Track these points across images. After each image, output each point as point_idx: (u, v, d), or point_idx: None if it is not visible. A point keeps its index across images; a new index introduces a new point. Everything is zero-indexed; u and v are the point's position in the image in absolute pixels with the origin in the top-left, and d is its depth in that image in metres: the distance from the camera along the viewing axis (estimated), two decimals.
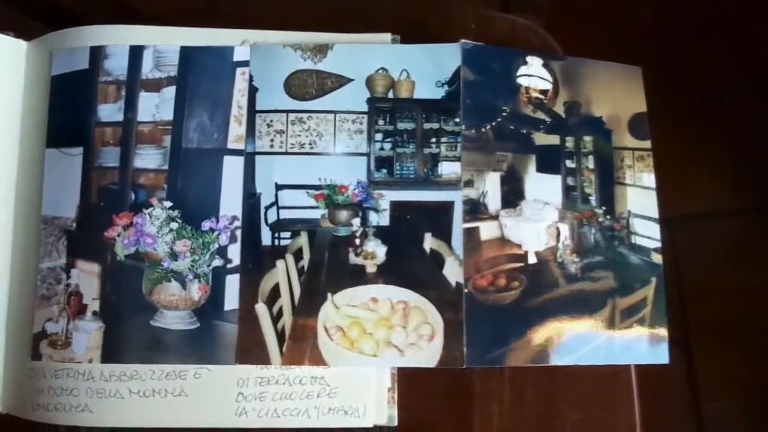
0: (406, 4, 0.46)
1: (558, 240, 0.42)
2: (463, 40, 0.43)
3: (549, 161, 0.43)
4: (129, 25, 0.44)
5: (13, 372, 0.43)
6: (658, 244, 0.44)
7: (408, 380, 0.42)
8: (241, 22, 0.44)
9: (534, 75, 0.43)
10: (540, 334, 0.41)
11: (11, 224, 0.44)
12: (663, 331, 0.42)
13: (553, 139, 0.44)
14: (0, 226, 0.44)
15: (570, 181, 0.43)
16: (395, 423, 0.42)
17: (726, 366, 1.01)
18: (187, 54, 0.43)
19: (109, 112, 0.43)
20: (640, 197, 0.44)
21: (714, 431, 1.03)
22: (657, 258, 0.43)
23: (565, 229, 0.42)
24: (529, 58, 0.44)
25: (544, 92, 0.44)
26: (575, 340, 0.41)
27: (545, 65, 0.44)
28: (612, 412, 0.44)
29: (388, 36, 0.44)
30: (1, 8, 0.49)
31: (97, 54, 0.44)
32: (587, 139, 0.44)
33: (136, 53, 0.44)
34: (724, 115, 0.90)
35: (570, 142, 0.44)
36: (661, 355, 0.42)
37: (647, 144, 0.45)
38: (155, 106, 0.43)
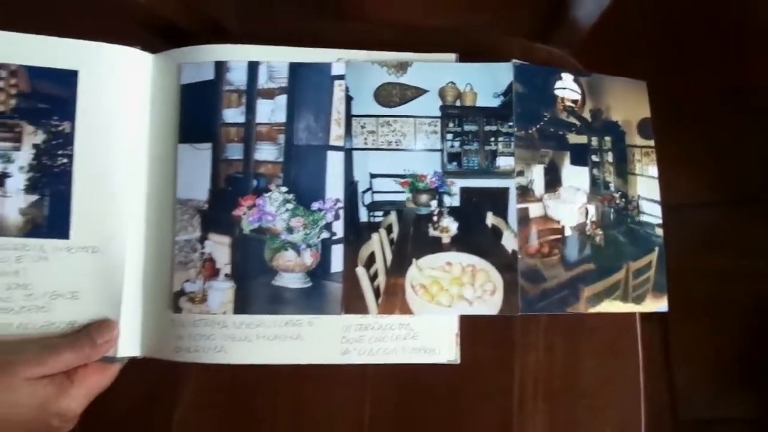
0: (464, 32, 0.58)
1: (586, 217, 0.54)
2: (514, 60, 0.54)
3: (579, 156, 0.55)
4: (245, 45, 0.55)
5: (153, 324, 0.53)
6: (660, 221, 0.56)
7: (466, 329, 0.54)
8: (333, 43, 0.55)
9: (567, 88, 0.55)
10: (575, 289, 0.53)
11: (144, 205, 0.54)
12: (664, 287, 0.55)
13: (582, 139, 0.56)
14: (135, 206, 0.54)
15: (595, 172, 0.55)
16: (459, 361, 0.54)
17: (696, 338, 1.16)
18: (294, 69, 0.54)
19: (233, 115, 0.54)
20: (646, 184, 0.57)
21: (682, 393, 1.17)
22: (659, 231, 0.56)
23: (591, 209, 0.55)
24: (563, 75, 0.56)
25: (574, 102, 0.56)
26: (601, 294, 0.54)
27: (575, 80, 0.56)
28: (621, 360, 0.57)
29: (453, 56, 0.55)
30: (126, 26, 0.58)
31: (221, 68, 0.54)
32: (607, 139, 0.56)
33: (253, 68, 0.54)
34: (705, 120, 1.05)
35: (594, 142, 0.56)
36: (662, 306, 0.55)
37: (651, 142, 0.58)
38: (270, 111, 0.54)
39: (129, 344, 0.52)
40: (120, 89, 0.53)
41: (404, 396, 0.56)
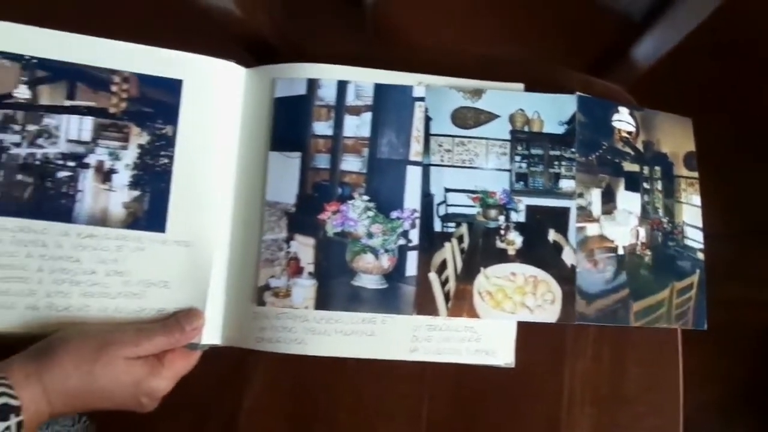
0: (529, 64, 0.63)
1: (637, 239, 0.60)
2: (578, 93, 0.60)
3: (632, 183, 0.61)
4: (335, 64, 0.60)
5: (235, 315, 0.57)
6: (701, 246, 0.62)
7: (521, 335, 0.59)
8: (410, 67, 0.61)
9: (623, 120, 0.61)
10: (625, 303, 0.58)
11: (232, 205, 0.59)
12: (704, 307, 0.60)
13: (635, 168, 0.61)
14: (224, 206, 0.59)
15: (645, 198, 0.61)
16: (514, 364, 0.58)
17: (705, 361, 1.21)
18: (379, 89, 0.59)
19: (322, 128, 0.59)
20: (690, 212, 0.62)
21: (690, 416, 1.22)
22: (700, 256, 0.61)
23: (642, 231, 0.60)
24: (620, 108, 0.61)
25: (629, 133, 0.61)
26: (648, 309, 0.59)
27: (630, 114, 0.62)
28: (663, 370, 0.62)
29: (521, 85, 0.61)
30: (217, 42, 0.63)
31: (312, 84, 0.59)
32: (657, 168, 0.62)
33: (342, 86, 0.59)
34: (719, 157, 1.11)
35: (646, 170, 0.61)
36: (701, 323, 0.60)
37: (695, 174, 0.63)
38: (356, 126, 0.59)
39: (211, 333, 0.57)
40: (217, 98, 0.58)
41: (460, 395, 0.61)
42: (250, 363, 0.62)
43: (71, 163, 0.56)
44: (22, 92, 0.55)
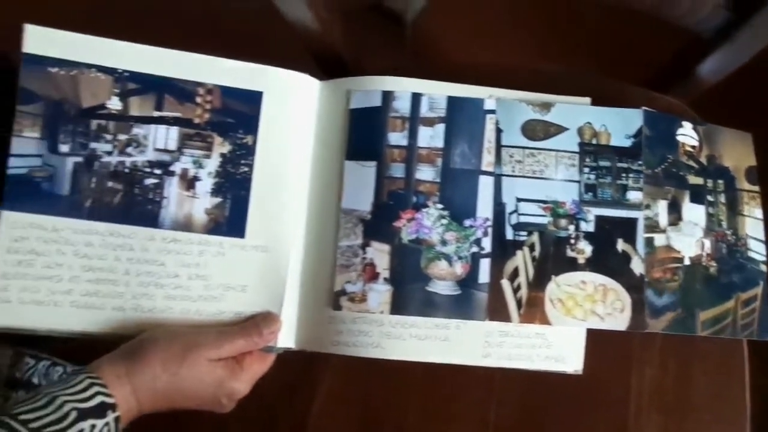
0: (594, 79, 0.65)
1: (702, 250, 0.61)
2: (644, 108, 0.62)
3: (697, 196, 0.62)
4: (409, 78, 0.62)
5: (310, 319, 0.59)
6: (764, 258, 0.63)
7: (589, 342, 0.60)
8: (479, 81, 0.63)
9: (687, 135, 0.63)
10: (692, 313, 0.59)
11: (306, 213, 0.61)
12: None
13: (699, 181, 0.63)
14: (299, 213, 0.61)
15: (710, 210, 0.62)
16: (581, 371, 0.60)
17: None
18: (452, 101, 0.62)
19: (397, 138, 0.61)
20: (753, 225, 0.63)
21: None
22: (764, 268, 0.63)
23: (707, 243, 0.61)
24: (684, 123, 0.63)
25: (693, 147, 0.63)
26: (714, 319, 0.60)
27: (694, 128, 0.63)
28: (729, 379, 0.63)
29: (588, 99, 0.63)
30: (297, 55, 0.66)
31: (387, 96, 0.61)
32: (720, 182, 0.63)
33: (416, 98, 0.62)
34: None
35: (710, 184, 0.63)
36: (766, 334, 0.61)
37: (757, 188, 0.65)
38: (430, 137, 0.61)
39: (286, 336, 0.58)
40: (294, 109, 0.61)
41: (527, 401, 0.62)
42: (319, 368, 0.64)
43: (158, 171, 0.58)
44: (114, 103, 0.58)
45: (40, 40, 0.56)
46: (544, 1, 1.20)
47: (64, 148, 0.57)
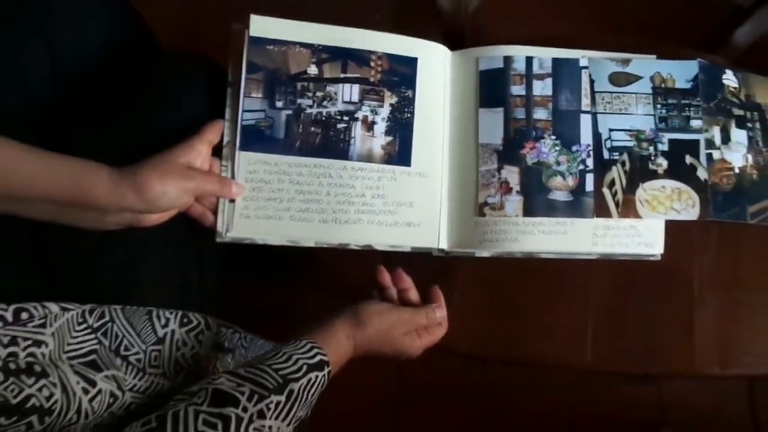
0: (656, 42, 0.87)
1: (747, 162, 0.82)
2: (699, 59, 0.83)
3: (740, 123, 0.83)
4: (523, 45, 0.83)
5: (459, 226, 0.79)
6: None
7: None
8: (574, 46, 0.84)
9: (730, 80, 0.84)
10: (743, 206, 0.81)
11: (452, 147, 0.82)
12: None
13: (741, 113, 0.84)
14: (446, 147, 0.81)
15: (750, 134, 0.84)
16: (660, 257, 0.81)
17: None
18: (556, 61, 0.83)
19: (517, 90, 0.82)
20: None
21: None
22: None
23: (749, 157, 0.83)
24: (727, 71, 0.85)
25: (735, 89, 0.84)
26: (759, 211, 0.81)
27: (734, 75, 0.85)
28: None
29: (654, 56, 0.84)
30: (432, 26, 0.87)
31: (507, 60, 0.83)
32: (755, 113, 0.85)
33: (529, 60, 0.83)
34: None
35: (749, 115, 0.84)
36: None
37: None
38: (541, 88, 0.82)
39: (442, 240, 0.79)
40: (438, 71, 0.82)
41: (617, 282, 0.83)
42: (457, 268, 0.84)
43: (345, 118, 0.79)
44: (312, 69, 0.79)
45: (260, 26, 0.77)
46: None
47: (279, 104, 0.78)
